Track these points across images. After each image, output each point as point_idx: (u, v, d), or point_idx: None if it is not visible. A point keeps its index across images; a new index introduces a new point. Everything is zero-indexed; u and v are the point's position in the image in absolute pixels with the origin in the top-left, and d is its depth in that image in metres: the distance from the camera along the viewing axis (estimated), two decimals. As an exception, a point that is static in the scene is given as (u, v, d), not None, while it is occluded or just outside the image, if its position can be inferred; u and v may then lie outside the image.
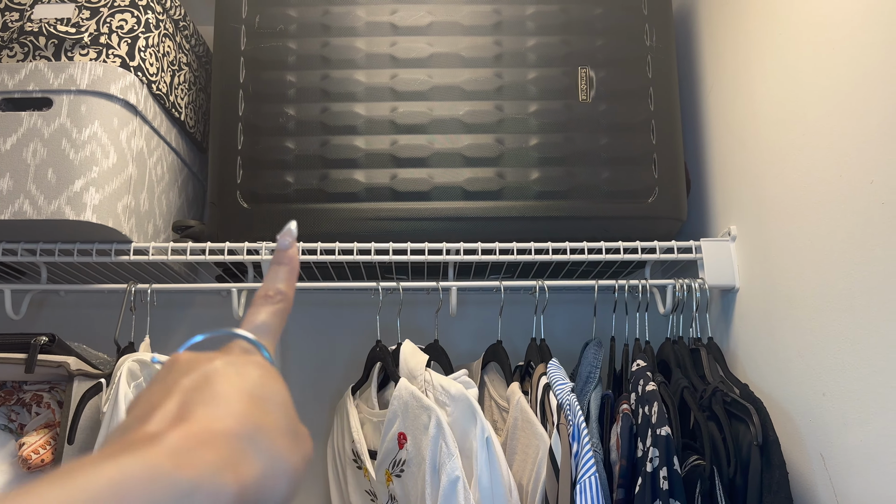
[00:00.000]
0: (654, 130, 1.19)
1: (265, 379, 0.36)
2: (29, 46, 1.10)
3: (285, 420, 0.34)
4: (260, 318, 0.42)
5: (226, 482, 0.28)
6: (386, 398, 1.17)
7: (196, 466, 0.27)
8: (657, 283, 1.16)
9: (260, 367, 0.37)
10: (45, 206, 1.02)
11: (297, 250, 0.46)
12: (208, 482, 0.27)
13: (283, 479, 0.32)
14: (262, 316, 0.42)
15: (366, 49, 1.19)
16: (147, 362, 1.01)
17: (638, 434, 1.00)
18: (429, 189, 1.15)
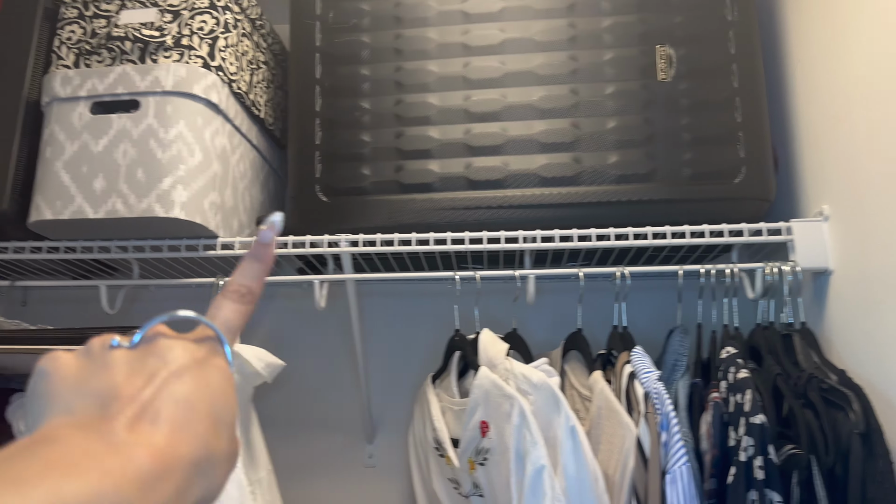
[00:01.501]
0: (738, 108, 1.14)
1: (224, 392, 0.36)
2: (116, 51, 1.15)
3: (227, 442, 0.35)
4: (228, 314, 0.40)
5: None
6: (466, 387, 1.17)
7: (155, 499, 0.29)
8: (745, 267, 1.12)
9: (222, 375, 0.36)
10: (136, 204, 1.06)
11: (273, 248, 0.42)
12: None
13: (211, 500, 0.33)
14: (230, 313, 0.40)
15: (438, 38, 1.18)
16: (237, 353, 1.04)
17: (729, 423, 0.97)
18: (504, 177, 1.14)
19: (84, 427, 0.30)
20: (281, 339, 1.48)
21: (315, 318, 1.47)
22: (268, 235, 0.42)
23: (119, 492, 0.27)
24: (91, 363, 0.34)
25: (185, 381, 0.33)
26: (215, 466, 0.33)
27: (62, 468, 0.27)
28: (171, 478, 0.30)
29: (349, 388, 1.46)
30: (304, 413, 1.46)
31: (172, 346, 0.35)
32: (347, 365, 1.47)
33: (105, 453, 0.28)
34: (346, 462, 1.44)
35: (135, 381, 0.32)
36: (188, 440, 0.32)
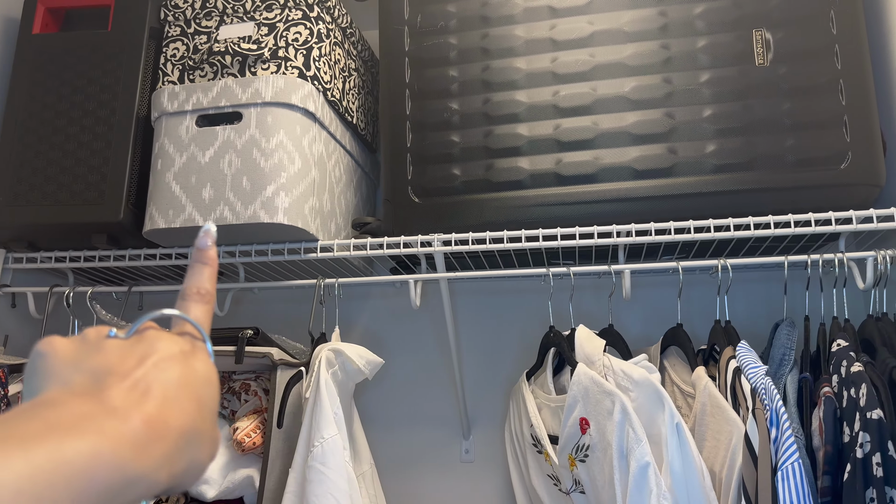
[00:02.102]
0: (842, 91, 1.09)
1: (208, 380, 0.38)
2: (217, 65, 1.21)
3: (211, 425, 0.37)
4: (197, 314, 0.42)
5: (161, 477, 0.32)
6: (561, 384, 1.17)
7: (148, 460, 0.31)
8: (855, 256, 1.07)
9: (206, 366, 0.39)
10: (243, 211, 1.11)
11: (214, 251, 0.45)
12: (151, 475, 0.31)
13: (193, 475, 0.35)
14: (199, 313, 0.42)
15: (525, 35, 1.19)
16: (341, 351, 1.08)
17: (843, 418, 0.93)
18: (595, 171, 1.14)
19: (81, 395, 0.33)
20: (377, 338, 1.51)
21: (410, 316, 1.50)
22: (204, 241, 0.45)
23: (115, 451, 0.30)
24: (86, 347, 0.36)
25: (174, 366, 0.36)
26: (201, 442, 0.35)
27: (63, 428, 0.29)
28: (161, 443, 0.32)
29: (444, 385, 1.49)
30: (402, 409, 1.49)
31: (161, 336, 0.38)
32: (442, 362, 1.49)
33: (102, 416, 0.31)
34: (444, 457, 1.46)
35: (127, 361, 0.35)
36: (177, 413, 0.34)
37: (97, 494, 0.28)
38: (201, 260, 0.45)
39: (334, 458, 1.00)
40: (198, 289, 0.44)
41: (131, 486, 0.30)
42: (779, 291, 1.19)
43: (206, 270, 0.44)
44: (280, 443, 1.06)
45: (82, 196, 1.21)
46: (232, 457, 1.10)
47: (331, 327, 1.21)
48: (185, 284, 0.44)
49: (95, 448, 0.29)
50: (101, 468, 0.29)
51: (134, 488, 0.30)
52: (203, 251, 0.45)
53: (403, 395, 1.50)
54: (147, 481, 0.31)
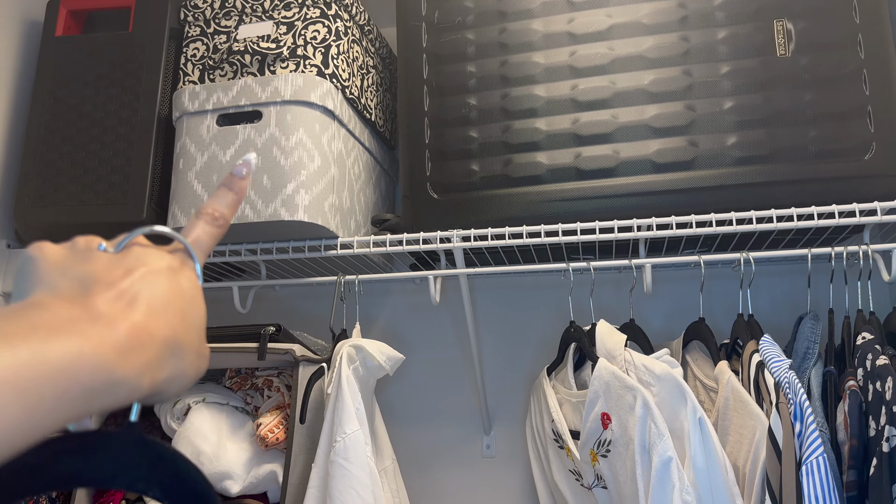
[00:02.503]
0: (866, 80, 1.08)
1: (194, 297, 0.39)
2: (237, 65, 1.22)
3: (197, 339, 0.38)
4: (199, 234, 0.42)
5: (143, 382, 0.33)
6: (583, 379, 1.17)
7: (130, 366, 0.32)
8: (880, 248, 1.06)
9: (192, 283, 0.39)
10: (263, 209, 1.12)
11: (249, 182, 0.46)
12: (133, 380, 0.32)
13: (178, 385, 0.36)
14: (201, 233, 0.42)
15: (543, 29, 1.18)
16: (362, 347, 1.08)
17: (869, 412, 0.92)
18: (615, 165, 1.13)
19: (68, 299, 0.33)
20: (397, 334, 1.52)
21: (429, 312, 1.50)
22: (241, 170, 0.45)
23: (98, 354, 0.30)
24: (75, 254, 0.37)
25: (160, 280, 0.36)
26: (185, 355, 0.36)
27: (47, 329, 0.29)
28: (145, 350, 0.33)
29: (465, 380, 1.49)
30: (423, 405, 1.50)
31: (150, 251, 0.38)
32: (462, 357, 1.49)
33: (87, 320, 0.32)
34: (465, 452, 1.46)
35: (114, 271, 0.35)
36: (161, 324, 0.35)
37: (80, 393, 0.29)
38: (230, 185, 0.45)
39: (356, 452, 1.01)
40: (213, 209, 0.44)
41: (113, 389, 0.31)
42: (802, 284, 1.17)
43: (230, 196, 0.45)
44: (303, 438, 1.07)
45: (106, 196, 1.23)
46: (256, 452, 1.11)
47: (351, 324, 1.21)
48: (206, 202, 0.44)
49: (79, 349, 0.30)
50: (84, 368, 0.29)
51: (116, 391, 0.31)
52: (235, 178, 0.45)
53: (424, 391, 1.50)
54: (129, 385, 0.32)
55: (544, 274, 1.44)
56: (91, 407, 0.30)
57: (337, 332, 1.20)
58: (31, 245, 0.38)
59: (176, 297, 0.37)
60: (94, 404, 0.30)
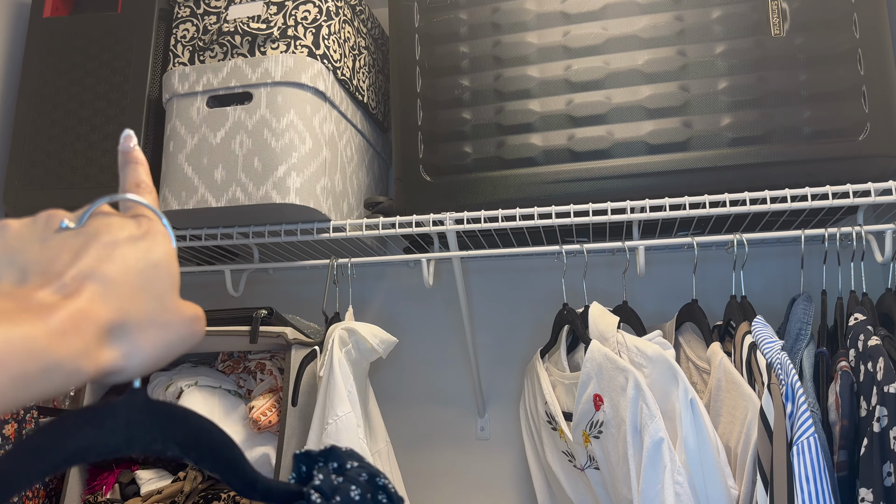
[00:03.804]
0: (860, 60, 1.07)
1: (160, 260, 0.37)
2: (227, 46, 1.21)
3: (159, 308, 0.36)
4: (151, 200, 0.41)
5: (82, 366, 0.32)
6: (576, 361, 1.17)
7: (64, 349, 0.31)
8: (873, 229, 1.06)
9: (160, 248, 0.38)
10: (255, 191, 1.12)
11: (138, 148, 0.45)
12: (70, 363, 0.31)
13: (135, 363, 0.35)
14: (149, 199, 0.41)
15: (536, 9, 1.17)
16: (354, 329, 1.08)
17: (860, 392, 0.92)
18: (609, 146, 1.12)
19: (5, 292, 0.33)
20: (391, 317, 1.52)
21: (423, 295, 1.50)
22: (127, 144, 0.45)
23: (27, 340, 0.30)
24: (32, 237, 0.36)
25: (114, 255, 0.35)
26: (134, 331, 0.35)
27: None
28: (81, 334, 0.32)
29: (459, 363, 1.49)
30: (417, 387, 1.50)
31: (111, 222, 0.37)
32: (456, 340, 1.49)
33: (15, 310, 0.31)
34: (459, 434, 1.47)
35: (63, 258, 0.35)
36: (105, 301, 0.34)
37: (10, 379, 0.29)
38: (131, 160, 0.44)
39: (348, 434, 1.01)
40: (137, 182, 0.43)
41: (49, 374, 0.31)
42: (795, 266, 1.17)
43: (139, 168, 0.44)
44: (295, 421, 1.07)
45: (95, 179, 1.22)
46: (248, 435, 1.11)
47: (344, 307, 1.21)
48: (122, 183, 0.43)
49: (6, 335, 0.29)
50: (12, 355, 0.29)
51: (53, 376, 0.31)
52: (130, 152, 0.44)
53: (418, 374, 1.50)
54: (66, 369, 0.31)
55: (538, 257, 1.44)
56: (30, 392, 0.30)
57: (330, 316, 1.20)
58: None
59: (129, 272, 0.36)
60: (32, 390, 0.30)
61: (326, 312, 1.20)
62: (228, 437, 0.41)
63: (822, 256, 1.08)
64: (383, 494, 0.47)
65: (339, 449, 0.48)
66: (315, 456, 0.48)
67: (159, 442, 0.38)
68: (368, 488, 0.46)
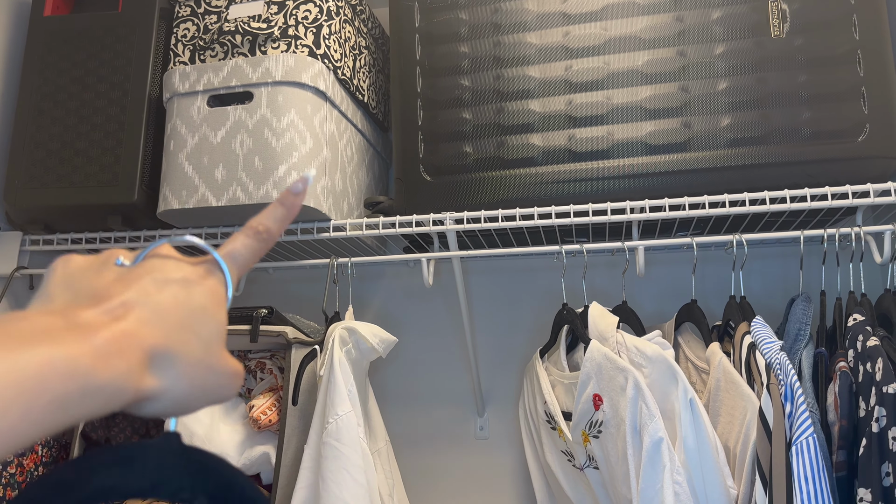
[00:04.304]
0: (860, 61, 1.07)
1: (207, 309, 0.37)
2: (228, 45, 1.21)
3: (204, 351, 0.36)
4: (237, 246, 0.41)
5: (123, 388, 0.32)
6: (575, 360, 1.17)
7: (107, 371, 0.31)
8: (872, 230, 1.06)
9: (211, 296, 0.38)
10: (255, 191, 1.12)
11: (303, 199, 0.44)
12: (111, 386, 0.31)
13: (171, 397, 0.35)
14: (240, 246, 0.41)
15: (536, 10, 1.17)
16: (354, 329, 1.08)
17: (859, 393, 0.93)
18: (608, 147, 1.13)
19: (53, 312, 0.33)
20: (391, 317, 1.52)
21: (423, 294, 1.50)
22: (298, 187, 0.44)
23: (70, 360, 0.30)
24: (91, 269, 0.37)
25: (164, 290, 0.36)
26: (182, 365, 0.35)
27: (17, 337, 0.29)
28: (125, 356, 0.32)
29: (459, 362, 1.49)
30: (417, 387, 1.50)
31: (165, 263, 0.37)
32: (456, 340, 1.50)
33: (64, 329, 0.31)
34: (459, 434, 1.47)
35: (116, 285, 0.35)
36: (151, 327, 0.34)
37: (51, 401, 0.29)
38: (283, 200, 0.44)
39: (348, 434, 1.01)
40: (259, 223, 0.43)
41: (91, 396, 0.30)
42: (795, 267, 1.18)
43: (279, 211, 0.43)
44: (295, 420, 1.08)
45: (97, 178, 1.22)
46: (248, 434, 1.11)
47: (344, 306, 1.21)
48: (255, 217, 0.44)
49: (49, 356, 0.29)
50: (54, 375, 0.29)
51: (94, 398, 0.30)
52: (290, 194, 0.44)
53: (418, 373, 1.51)
54: (107, 392, 0.31)
55: (537, 256, 1.45)
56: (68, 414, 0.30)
57: (330, 315, 1.20)
58: (60, 257, 0.37)
59: (179, 308, 0.36)
60: (71, 412, 0.30)
61: (326, 312, 1.21)
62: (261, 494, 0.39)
63: (822, 257, 1.08)
64: None
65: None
66: None
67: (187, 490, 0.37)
68: None
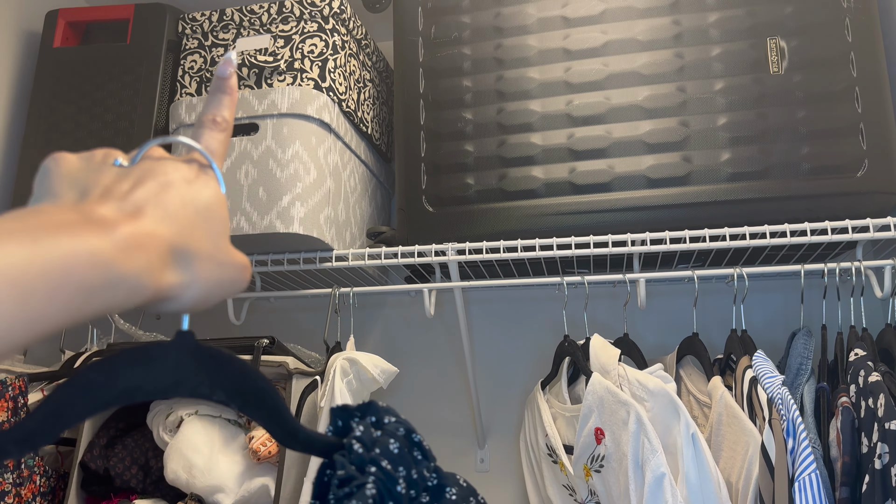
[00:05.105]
0: (858, 98, 1.09)
1: (212, 203, 0.38)
2: (235, 78, 1.22)
3: (214, 247, 0.37)
4: (209, 141, 0.42)
5: (145, 283, 0.32)
6: (577, 393, 1.17)
7: (129, 264, 0.31)
8: (872, 265, 1.06)
9: (210, 191, 0.38)
10: (259, 221, 1.13)
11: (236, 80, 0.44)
12: (133, 279, 0.31)
13: (191, 294, 0.36)
14: (211, 141, 0.42)
15: (538, 45, 1.19)
16: (355, 360, 1.08)
17: (861, 429, 0.92)
18: (609, 180, 1.14)
19: (67, 207, 0.33)
20: (392, 346, 1.52)
21: (424, 324, 1.50)
22: (224, 69, 0.45)
23: (94, 251, 0.30)
24: (88, 166, 0.37)
25: (171, 190, 0.36)
26: (197, 261, 0.35)
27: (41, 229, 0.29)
28: (145, 251, 0.32)
29: (459, 393, 1.49)
30: (416, 418, 1.49)
31: (164, 163, 0.38)
32: (457, 370, 1.49)
33: (84, 223, 0.31)
34: (459, 466, 1.46)
35: (123, 184, 0.35)
36: (167, 226, 0.34)
37: (75, 288, 0.29)
38: (221, 88, 0.44)
39: (349, 466, 1.00)
40: (214, 116, 0.43)
41: (112, 287, 0.31)
42: (795, 300, 1.18)
43: (225, 99, 0.44)
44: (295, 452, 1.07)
45: (101, 207, 1.23)
46: (248, 465, 1.10)
47: (346, 336, 1.21)
48: (201, 112, 0.44)
49: (72, 246, 0.29)
50: (78, 264, 0.29)
51: (115, 289, 0.31)
52: (224, 79, 0.44)
53: (418, 404, 1.50)
54: (129, 284, 0.31)
55: (539, 287, 1.45)
56: (91, 305, 0.30)
57: (331, 345, 1.20)
58: (50, 155, 0.37)
59: (186, 207, 0.36)
60: (93, 302, 0.30)
61: (328, 342, 1.21)
62: (272, 387, 0.41)
63: (822, 291, 1.09)
64: (418, 451, 0.47)
65: (377, 404, 0.49)
66: (352, 410, 0.48)
67: (206, 386, 0.39)
68: (405, 443, 0.47)
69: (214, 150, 0.42)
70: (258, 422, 0.42)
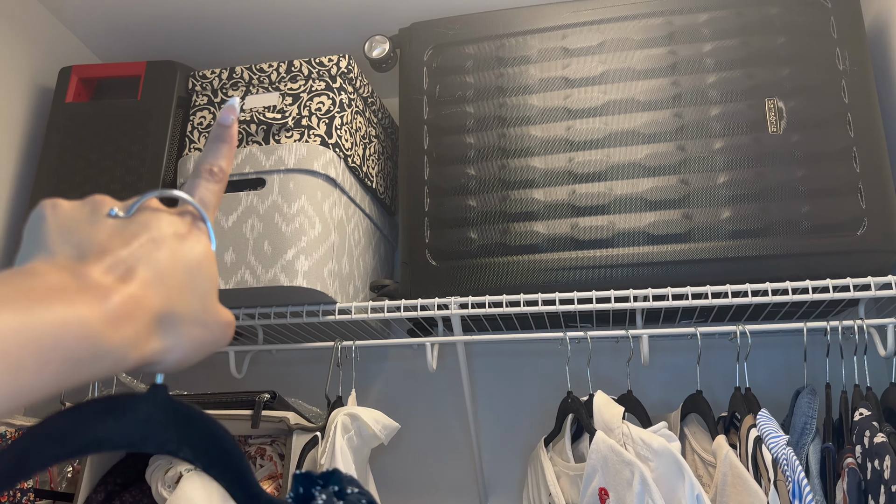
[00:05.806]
0: (856, 158, 1.11)
1: (202, 261, 0.38)
2: (242, 133, 1.25)
3: (201, 308, 0.37)
4: (203, 193, 0.42)
5: (130, 354, 0.33)
6: (580, 450, 1.16)
7: (117, 337, 0.31)
8: (875, 323, 1.06)
9: (201, 248, 0.38)
10: (263, 274, 1.13)
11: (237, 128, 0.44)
12: (119, 351, 0.32)
13: (174, 357, 0.36)
14: (205, 192, 0.42)
15: (540, 105, 1.22)
16: (357, 415, 1.07)
17: (868, 491, 0.91)
18: (611, 236, 1.15)
19: (62, 267, 0.33)
20: (393, 400, 1.51)
21: (426, 378, 1.49)
22: (227, 117, 0.45)
23: (83, 323, 0.30)
24: (83, 217, 0.37)
25: (163, 248, 0.36)
26: (183, 325, 0.36)
27: (34, 296, 0.29)
28: (133, 322, 0.33)
29: (461, 449, 1.47)
30: (418, 474, 1.47)
31: (158, 217, 0.38)
32: (459, 425, 1.48)
33: (76, 290, 0.31)
34: (460, 524, 1.43)
35: (115, 240, 0.35)
36: (155, 295, 0.34)
37: (63, 361, 0.29)
38: (221, 137, 0.44)
39: (349, 526, 0.98)
40: (211, 166, 0.43)
41: (98, 359, 0.31)
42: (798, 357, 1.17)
43: (224, 148, 0.44)
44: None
45: (107, 259, 1.24)
46: (246, 523, 1.09)
47: (347, 390, 1.21)
48: (199, 160, 0.43)
49: (63, 317, 0.29)
50: (68, 336, 0.29)
51: (101, 362, 0.31)
52: (225, 127, 0.44)
53: (420, 460, 1.48)
54: (114, 356, 0.32)
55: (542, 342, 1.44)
56: (78, 375, 0.30)
57: (332, 399, 1.19)
58: (44, 201, 0.37)
59: (177, 267, 0.36)
60: (80, 372, 0.30)
61: (329, 396, 1.20)
62: (238, 448, 0.41)
63: (826, 348, 1.08)
64: None
65: (340, 473, 0.48)
66: (315, 478, 0.48)
67: (174, 442, 0.38)
68: None
69: (208, 202, 0.42)
70: (221, 483, 0.41)
